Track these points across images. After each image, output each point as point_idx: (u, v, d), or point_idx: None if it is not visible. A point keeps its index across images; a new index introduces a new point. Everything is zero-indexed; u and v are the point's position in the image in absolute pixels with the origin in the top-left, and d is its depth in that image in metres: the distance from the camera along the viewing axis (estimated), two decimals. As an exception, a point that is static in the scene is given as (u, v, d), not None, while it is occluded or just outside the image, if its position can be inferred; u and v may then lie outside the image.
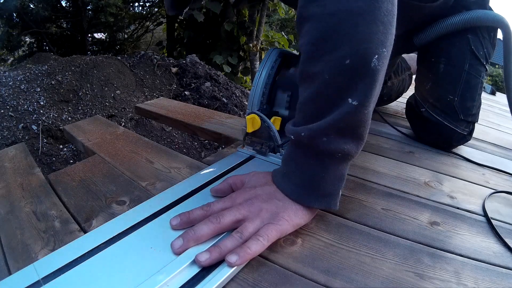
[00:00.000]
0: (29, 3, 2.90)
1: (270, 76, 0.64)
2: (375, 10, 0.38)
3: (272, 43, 3.46)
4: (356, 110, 0.39)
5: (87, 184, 0.54)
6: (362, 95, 0.39)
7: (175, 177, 0.57)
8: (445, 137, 0.83)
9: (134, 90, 1.58)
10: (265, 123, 0.61)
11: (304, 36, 0.41)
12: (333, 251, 0.43)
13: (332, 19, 0.38)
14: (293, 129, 0.44)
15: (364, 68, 0.38)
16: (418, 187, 0.63)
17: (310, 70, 0.41)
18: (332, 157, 0.42)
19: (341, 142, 0.41)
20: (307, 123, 0.43)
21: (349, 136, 0.42)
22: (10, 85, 1.31)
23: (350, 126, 0.41)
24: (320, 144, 0.41)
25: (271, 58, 0.65)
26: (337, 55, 0.38)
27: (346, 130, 0.41)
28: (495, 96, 2.09)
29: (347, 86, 0.39)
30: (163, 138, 1.44)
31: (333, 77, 0.39)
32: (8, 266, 0.38)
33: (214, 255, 0.37)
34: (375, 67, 0.39)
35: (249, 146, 0.66)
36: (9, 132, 1.18)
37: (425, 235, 0.49)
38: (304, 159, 0.44)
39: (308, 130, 0.42)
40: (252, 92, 0.65)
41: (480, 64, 0.79)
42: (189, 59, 1.85)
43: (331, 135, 0.41)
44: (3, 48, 3.12)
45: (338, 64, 0.39)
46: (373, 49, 0.38)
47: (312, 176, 0.43)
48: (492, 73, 7.69)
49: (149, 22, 4.21)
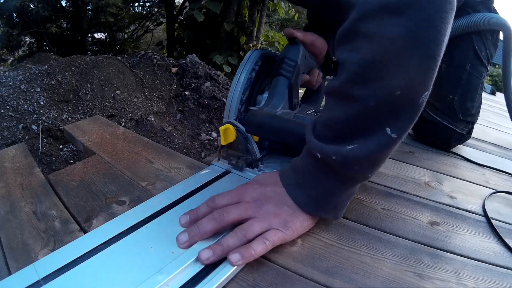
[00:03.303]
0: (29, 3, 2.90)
1: (249, 81, 0.58)
2: (436, 42, 0.34)
3: (272, 43, 3.46)
4: (393, 143, 0.38)
5: (87, 184, 0.54)
6: (401, 129, 0.37)
7: (175, 177, 0.57)
8: (444, 137, 0.83)
9: (134, 90, 1.58)
10: (241, 134, 0.55)
11: (353, 52, 0.37)
12: (333, 251, 0.43)
13: (392, 46, 0.34)
14: (320, 146, 0.41)
15: (412, 102, 0.36)
16: (418, 187, 0.63)
17: (353, 92, 0.38)
18: (355, 182, 0.43)
19: (368, 171, 0.41)
20: (337, 143, 0.40)
21: (377, 166, 0.41)
22: (10, 85, 1.31)
23: (382, 157, 0.40)
24: (350, 171, 0.40)
25: (251, 61, 0.59)
26: (389, 84, 0.35)
27: (377, 161, 0.40)
28: (495, 96, 2.09)
29: (390, 117, 0.37)
30: (163, 138, 1.44)
31: (379, 106, 0.36)
32: (8, 266, 0.38)
33: (216, 253, 0.37)
34: (422, 103, 0.37)
35: (224, 159, 0.60)
36: (9, 132, 1.18)
37: (425, 235, 0.49)
38: (325, 178, 0.42)
39: (341, 156, 0.39)
40: (229, 98, 0.58)
41: (481, 65, 0.79)
42: (189, 59, 1.85)
43: (363, 164, 0.40)
44: (3, 48, 3.12)
45: (387, 94, 0.36)
46: (426, 86, 0.36)
47: (330, 193, 0.43)
48: (492, 73, 7.69)
49: (149, 22, 4.21)
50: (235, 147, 0.57)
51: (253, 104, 0.60)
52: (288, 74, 0.57)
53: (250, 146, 0.55)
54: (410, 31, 0.33)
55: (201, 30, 3.07)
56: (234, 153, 0.58)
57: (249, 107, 0.58)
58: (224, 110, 0.59)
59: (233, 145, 0.57)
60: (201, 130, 1.55)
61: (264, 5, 3.22)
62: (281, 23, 6.95)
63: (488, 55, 0.80)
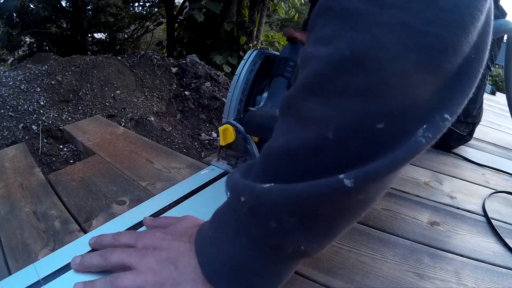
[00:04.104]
0: (29, 3, 2.90)
1: (248, 81, 0.57)
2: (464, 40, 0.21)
3: (272, 43, 3.46)
4: (351, 195, 0.22)
5: (87, 184, 0.54)
6: (365, 174, 0.21)
7: (175, 177, 0.57)
8: (444, 137, 0.83)
9: (134, 90, 1.58)
10: (241, 134, 0.54)
11: (321, 44, 0.24)
12: (333, 251, 0.43)
13: (388, 37, 0.21)
14: (234, 179, 0.28)
15: (401, 139, 0.22)
16: (418, 187, 0.63)
17: (303, 108, 0.24)
18: (282, 254, 0.28)
19: (297, 234, 0.25)
20: (254, 179, 0.27)
21: (315, 229, 0.26)
22: (10, 85, 1.31)
23: (319, 213, 0.24)
24: (264, 229, 0.26)
25: (250, 61, 0.58)
26: (366, 107, 0.22)
27: (311, 218, 0.25)
28: (495, 96, 2.09)
29: (353, 157, 0.22)
30: (163, 138, 1.44)
31: (341, 138, 0.22)
32: (8, 266, 0.38)
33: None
34: (421, 143, 0.22)
35: (224, 160, 0.59)
36: (9, 132, 1.18)
37: (425, 235, 0.49)
38: (234, 235, 0.29)
39: (251, 195, 0.25)
40: (228, 99, 0.57)
41: (485, 66, 0.79)
42: (189, 59, 1.85)
43: (284, 218, 0.25)
44: (3, 48, 3.12)
45: (358, 123, 0.22)
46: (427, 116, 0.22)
47: (239, 261, 0.28)
48: (492, 73, 7.70)
49: (149, 22, 4.21)
50: (234, 147, 0.57)
51: (253, 104, 0.60)
52: (288, 74, 0.57)
53: (250, 147, 0.54)
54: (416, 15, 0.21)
55: (201, 30, 3.07)
56: (233, 154, 0.58)
57: (248, 107, 0.58)
58: (224, 111, 0.59)
59: (232, 146, 0.56)
60: (201, 130, 1.55)
61: (264, 5, 3.22)
62: (281, 23, 6.95)
63: (493, 56, 0.80)
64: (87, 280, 0.33)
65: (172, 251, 0.32)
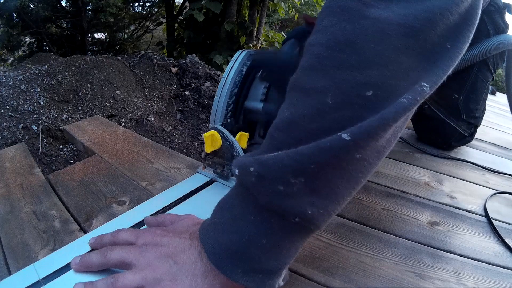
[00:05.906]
0: (29, 3, 2.90)
1: (236, 84, 0.54)
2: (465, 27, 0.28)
3: (272, 43, 3.46)
4: (349, 149, 0.25)
5: (87, 184, 0.54)
6: (361, 131, 0.25)
7: (175, 177, 0.57)
8: (446, 135, 0.83)
9: (134, 90, 1.58)
10: (227, 141, 0.51)
11: (320, 31, 0.29)
12: (333, 251, 0.43)
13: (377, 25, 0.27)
14: (241, 159, 0.30)
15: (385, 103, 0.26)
16: (418, 187, 0.63)
17: (306, 82, 0.29)
18: (284, 220, 0.28)
19: (305, 198, 0.27)
20: (264, 152, 0.29)
21: (321, 191, 0.27)
22: (10, 85, 1.31)
23: (326, 172, 0.26)
24: (272, 196, 0.27)
25: (238, 62, 0.55)
26: (357, 78, 0.26)
27: (318, 176, 0.26)
28: (495, 96, 2.09)
29: (349, 119, 0.26)
30: (163, 138, 1.44)
31: (338, 103, 0.27)
32: (8, 266, 0.38)
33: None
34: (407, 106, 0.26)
35: (210, 167, 0.56)
36: (9, 132, 1.18)
37: (425, 235, 0.49)
38: (242, 212, 0.30)
39: (259, 164, 0.28)
40: (214, 103, 0.54)
41: (488, 71, 0.80)
42: (189, 59, 1.85)
43: (290, 181, 0.26)
44: (3, 48, 3.12)
45: (351, 90, 0.27)
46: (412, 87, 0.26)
47: (246, 238, 0.29)
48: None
49: (149, 22, 4.21)
50: (220, 154, 0.54)
51: (240, 108, 0.55)
52: None
53: (236, 154, 0.51)
54: None
55: (201, 30, 3.07)
56: (219, 161, 0.55)
57: None
58: (210, 115, 0.56)
59: (218, 153, 0.54)
60: (201, 130, 1.55)
61: (264, 5, 3.22)
62: (281, 23, 6.95)
63: (495, 63, 0.81)
64: (87, 280, 0.33)
65: (171, 247, 0.33)
